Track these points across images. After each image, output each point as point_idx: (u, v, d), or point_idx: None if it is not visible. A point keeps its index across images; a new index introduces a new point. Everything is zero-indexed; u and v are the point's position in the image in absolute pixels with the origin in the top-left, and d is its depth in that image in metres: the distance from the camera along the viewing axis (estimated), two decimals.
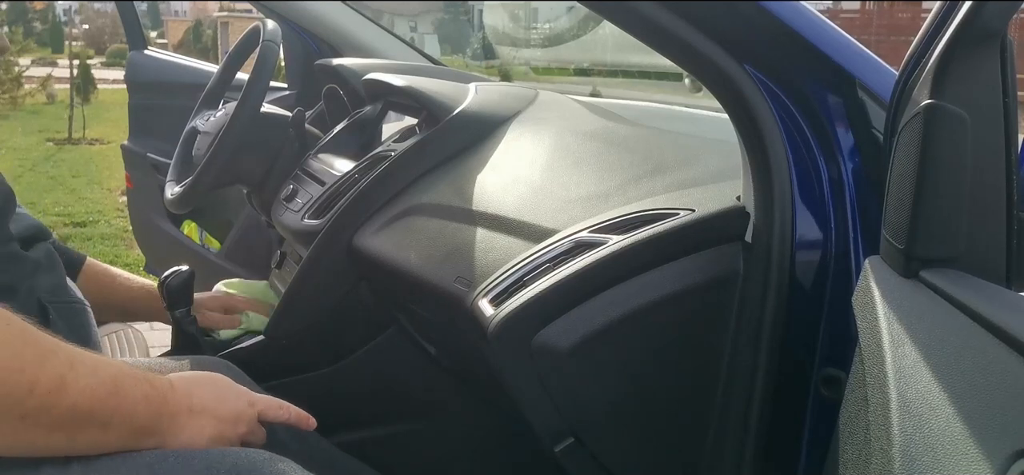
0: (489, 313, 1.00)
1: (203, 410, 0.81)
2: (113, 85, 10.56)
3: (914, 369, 0.56)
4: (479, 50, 10.74)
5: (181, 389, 0.80)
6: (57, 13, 28.44)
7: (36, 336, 0.69)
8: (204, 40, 21.91)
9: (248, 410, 0.86)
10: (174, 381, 0.81)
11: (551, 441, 0.99)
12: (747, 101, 0.87)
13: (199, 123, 1.70)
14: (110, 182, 6.33)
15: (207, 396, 0.83)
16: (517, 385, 1.00)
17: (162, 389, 0.78)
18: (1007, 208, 0.66)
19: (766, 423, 0.92)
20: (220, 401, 0.84)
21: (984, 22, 0.63)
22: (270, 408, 0.90)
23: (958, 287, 0.60)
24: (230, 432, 0.84)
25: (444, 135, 1.43)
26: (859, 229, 0.87)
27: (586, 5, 0.96)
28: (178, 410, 0.79)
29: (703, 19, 0.85)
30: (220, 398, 0.84)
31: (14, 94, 11.14)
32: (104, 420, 0.72)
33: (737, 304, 0.92)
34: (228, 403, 0.84)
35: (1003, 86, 0.65)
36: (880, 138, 0.83)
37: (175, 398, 0.79)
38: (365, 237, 1.36)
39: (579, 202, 1.10)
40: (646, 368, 0.97)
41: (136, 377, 0.76)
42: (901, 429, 0.54)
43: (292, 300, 1.49)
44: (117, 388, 0.73)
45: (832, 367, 0.87)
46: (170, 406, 0.78)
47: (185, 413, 0.79)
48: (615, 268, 0.94)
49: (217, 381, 0.86)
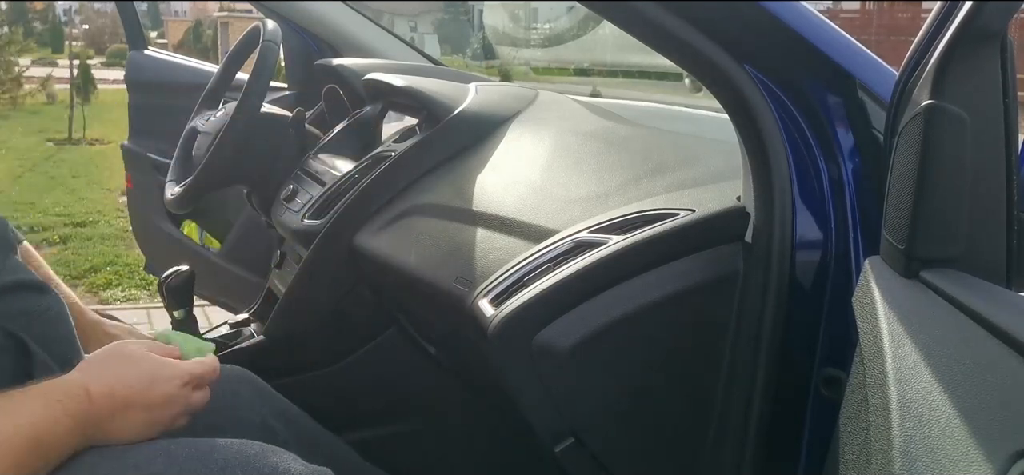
0: (489, 313, 1.00)
1: (128, 404, 0.78)
2: (113, 85, 10.54)
3: (914, 369, 0.56)
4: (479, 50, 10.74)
5: (99, 392, 0.76)
6: (57, 13, 28.43)
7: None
8: (204, 40, 21.91)
9: (179, 391, 0.82)
10: (90, 387, 0.76)
11: (551, 441, 0.99)
12: (747, 101, 0.87)
13: (199, 123, 1.70)
14: (110, 182, 6.33)
15: (129, 387, 0.79)
16: (517, 385, 1.00)
17: (80, 407, 0.74)
18: (1007, 208, 0.66)
19: (766, 423, 0.92)
20: (146, 389, 0.80)
21: (984, 22, 0.63)
22: (198, 375, 0.85)
23: (958, 287, 0.60)
24: (162, 416, 0.81)
25: (444, 135, 1.43)
26: (859, 229, 0.87)
27: (586, 5, 0.96)
28: (100, 419, 0.76)
29: (703, 19, 0.85)
30: (145, 387, 0.80)
31: (14, 94, 11.15)
32: (30, 471, 0.71)
33: (737, 304, 0.92)
34: (156, 388, 0.80)
35: (1003, 86, 0.65)
36: (880, 138, 0.83)
37: (94, 409, 0.75)
38: (365, 237, 1.36)
39: (579, 202, 1.10)
40: (646, 368, 0.97)
41: (55, 412, 0.73)
42: (901, 429, 0.54)
43: (292, 300, 1.49)
44: (38, 441, 0.71)
45: (832, 367, 0.87)
46: (93, 420, 0.75)
47: (108, 417, 0.76)
48: (615, 268, 0.94)
49: (138, 363, 0.81)
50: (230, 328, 1.71)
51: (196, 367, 0.85)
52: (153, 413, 0.80)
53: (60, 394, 0.74)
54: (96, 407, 0.76)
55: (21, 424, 0.70)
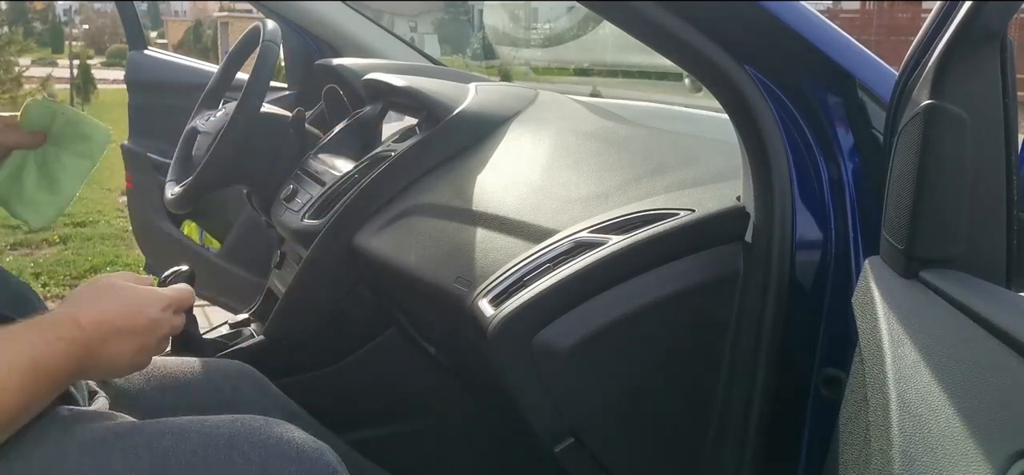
0: (489, 313, 1.00)
1: (116, 330, 0.79)
2: (113, 85, 10.55)
3: (914, 369, 0.56)
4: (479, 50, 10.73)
5: (88, 321, 0.77)
6: (57, 13, 28.45)
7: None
8: (204, 40, 21.92)
9: (161, 314, 0.84)
10: (78, 316, 0.77)
11: (551, 441, 0.99)
12: (747, 101, 0.87)
13: (199, 123, 1.70)
14: (110, 182, 6.32)
15: (116, 314, 0.80)
16: (517, 385, 1.00)
17: (72, 334, 0.76)
18: (1007, 208, 0.66)
19: (766, 423, 0.92)
20: (132, 313, 0.81)
21: (984, 22, 0.63)
22: (177, 300, 0.88)
23: (958, 287, 0.60)
24: (149, 341, 0.83)
25: (444, 135, 1.43)
26: (859, 229, 0.87)
27: (586, 5, 0.96)
28: (92, 344, 0.77)
29: (703, 19, 0.85)
30: (130, 310, 0.82)
31: (14, 94, 11.13)
32: (33, 398, 0.72)
33: (737, 304, 0.92)
34: (141, 313, 0.82)
35: (1003, 86, 0.65)
36: (880, 138, 0.83)
37: (85, 335, 0.76)
38: (365, 237, 1.36)
39: (579, 202, 1.10)
40: (646, 368, 0.97)
41: (49, 339, 0.74)
42: (901, 429, 0.54)
43: (292, 300, 1.49)
44: (36, 366, 0.72)
45: (832, 367, 0.87)
46: (84, 345, 0.76)
47: (99, 343, 0.78)
48: (615, 268, 0.94)
49: (121, 291, 0.83)
50: (230, 328, 1.71)
51: (175, 293, 0.89)
52: (141, 337, 0.82)
53: (51, 323, 0.76)
54: (87, 333, 0.77)
55: (20, 349, 0.71)
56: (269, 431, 0.81)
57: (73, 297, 0.83)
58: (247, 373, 1.09)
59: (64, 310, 0.79)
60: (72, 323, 0.76)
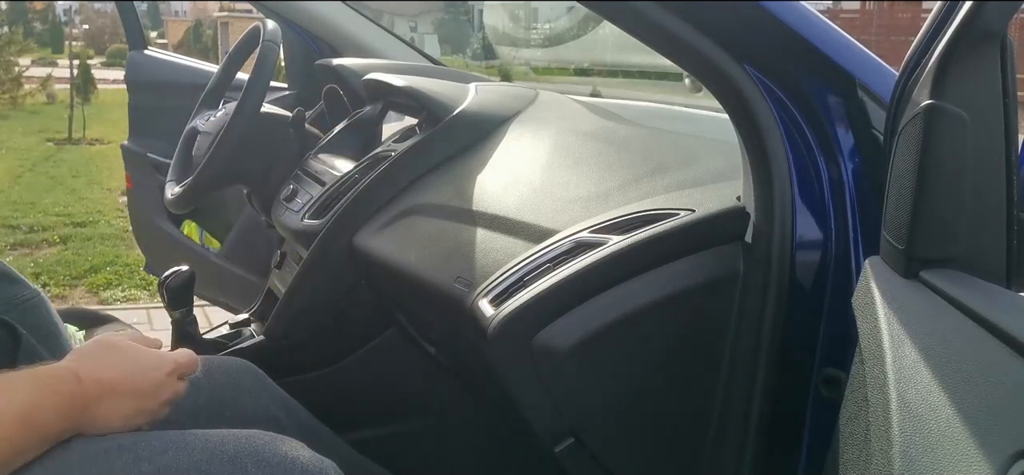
0: (489, 313, 1.00)
1: (114, 390, 0.79)
2: (113, 85, 10.55)
3: (914, 369, 0.56)
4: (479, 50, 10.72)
5: (88, 378, 0.77)
6: (57, 13, 28.43)
7: None
8: (204, 40, 21.92)
9: (166, 379, 0.84)
10: (80, 372, 0.77)
11: (551, 441, 0.99)
12: (747, 101, 0.87)
13: (199, 123, 1.70)
14: (110, 182, 6.33)
15: (118, 374, 0.80)
16: (517, 385, 1.00)
17: (70, 389, 0.75)
18: (1007, 208, 0.66)
19: (766, 423, 0.92)
20: (134, 374, 0.81)
21: (984, 22, 0.63)
22: (183, 365, 0.87)
23: (958, 287, 0.60)
24: (150, 405, 0.82)
25: (444, 135, 1.43)
26: (859, 229, 0.87)
27: (586, 5, 0.96)
28: (88, 402, 0.77)
29: (703, 19, 0.85)
30: (133, 372, 0.81)
31: (14, 94, 11.14)
32: (19, 450, 0.71)
33: (737, 304, 0.92)
34: (145, 375, 0.82)
35: (1003, 86, 0.65)
36: (880, 138, 0.83)
37: (83, 391, 0.76)
38: (365, 237, 1.36)
39: (579, 202, 1.10)
40: (646, 368, 0.97)
41: (45, 392, 0.74)
42: (901, 429, 0.54)
43: (292, 300, 1.49)
44: (27, 418, 0.71)
45: (832, 367, 0.87)
46: (80, 402, 0.76)
47: (96, 401, 0.77)
48: (615, 268, 0.94)
49: (126, 351, 0.83)
50: (230, 328, 1.71)
51: (181, 357, 0.87)
52: (140, 401, 0.81)
53: (49, 377, 0.76)
54: (84, 389, 0.76)
55: (12, 401, 0.71)
56: (274, 448, 0.80)
57: (78, 352, 0.83)
58: (247, 369, 1.09)
59: (65, 364, 0.79)
60: (72, 378, 0.76)
